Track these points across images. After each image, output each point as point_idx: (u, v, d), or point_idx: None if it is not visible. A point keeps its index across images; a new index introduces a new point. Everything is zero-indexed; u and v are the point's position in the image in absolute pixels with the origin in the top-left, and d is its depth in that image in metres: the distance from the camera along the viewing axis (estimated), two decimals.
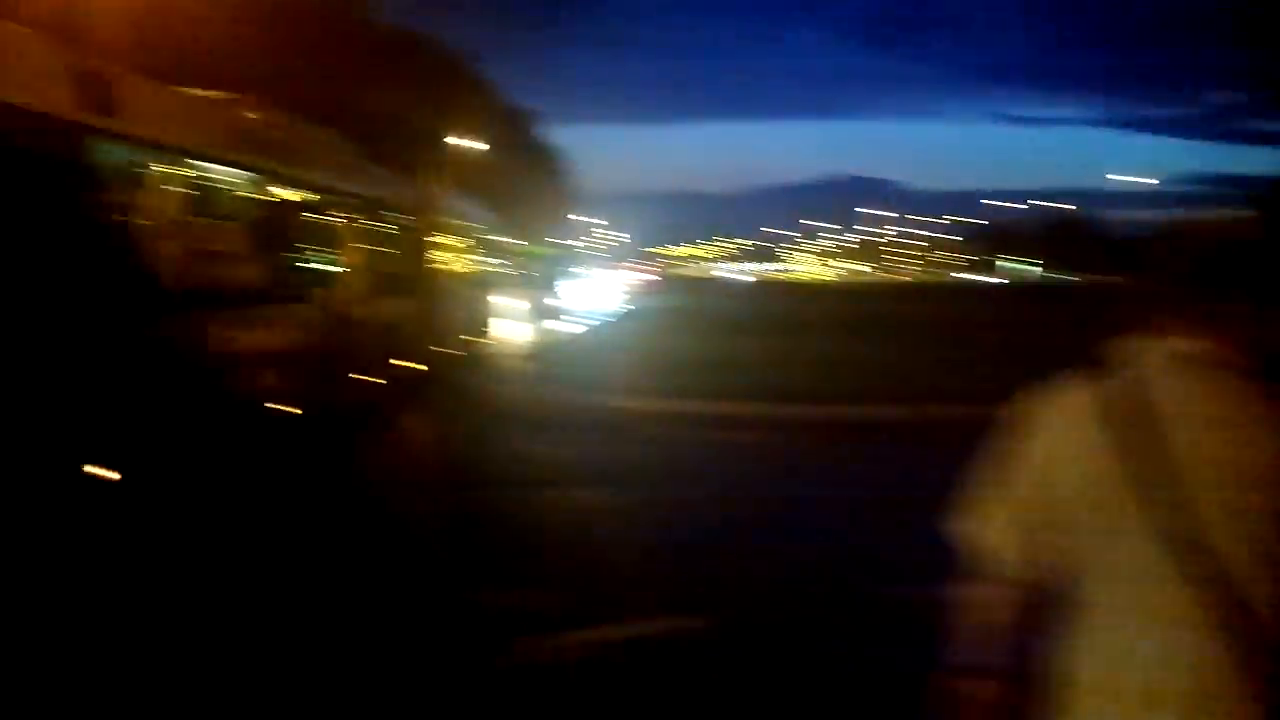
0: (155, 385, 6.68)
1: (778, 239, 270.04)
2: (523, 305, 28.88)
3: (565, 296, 35.12)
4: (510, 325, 25.22)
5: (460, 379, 14.87)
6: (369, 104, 41.06)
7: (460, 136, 45.70)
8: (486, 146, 48.37)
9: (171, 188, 7.54)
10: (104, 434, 5.95)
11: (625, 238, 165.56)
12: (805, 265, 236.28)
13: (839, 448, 10.39)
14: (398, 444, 10.57)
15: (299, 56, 35.15)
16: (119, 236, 6.81)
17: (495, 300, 24.12)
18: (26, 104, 5.43)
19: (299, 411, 9.02)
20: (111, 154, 6.76)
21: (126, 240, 6.92)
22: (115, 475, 5.81)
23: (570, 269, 49.54)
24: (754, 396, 12.99)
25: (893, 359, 18.66)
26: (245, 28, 27.32)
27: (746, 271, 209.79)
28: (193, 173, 7.99)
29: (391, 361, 12.57)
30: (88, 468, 5.65)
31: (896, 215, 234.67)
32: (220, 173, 8.59)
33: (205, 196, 8.32)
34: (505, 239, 30.99)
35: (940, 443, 10.14)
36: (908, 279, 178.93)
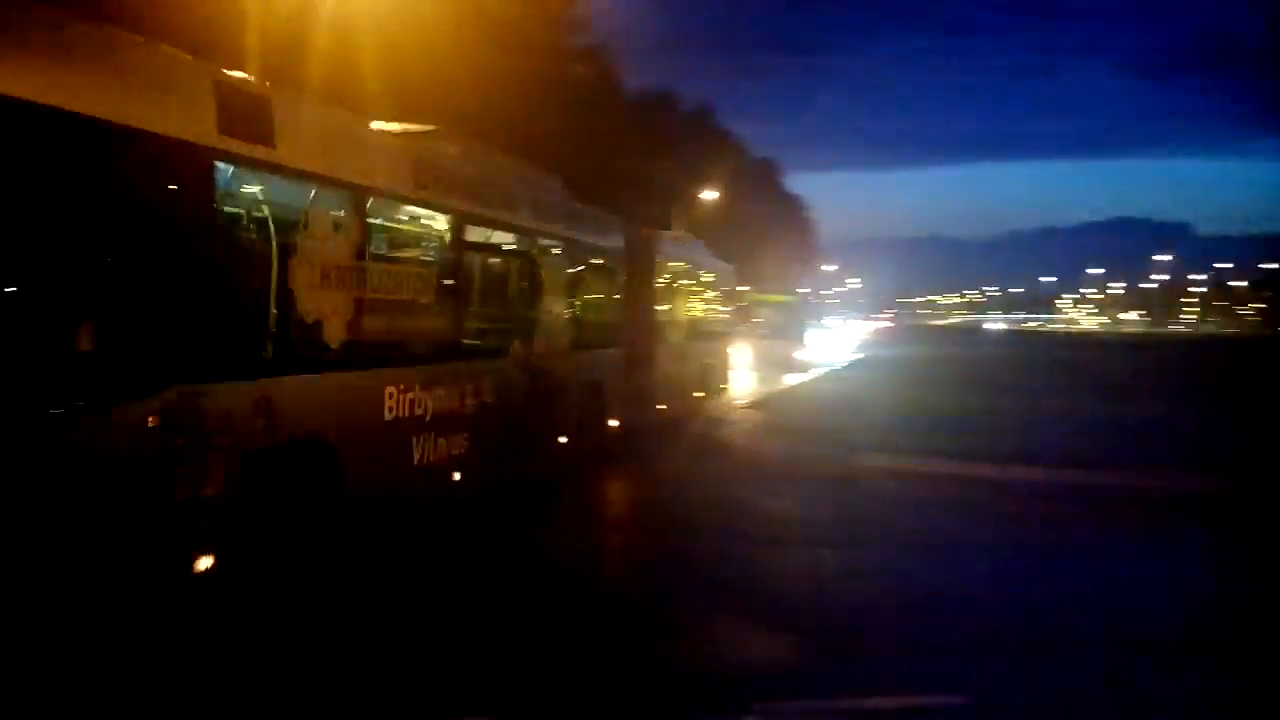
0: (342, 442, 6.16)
1: (1041, 286, 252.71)
2: (761, 354, 29.68)
3: (803, 345, 35.09)
4: (747, 375, 25.30)
5: (691, 431, 14.97)
6: (620, 163, 43.15)
7: (704, 188, 46.86)
8: (728, 196, 49.30)
9: (348, 227, 6.65)
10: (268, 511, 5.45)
11: (861, 285, 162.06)
12: (1076, 314, 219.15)
13: (1083, 520, 9.55)
14: (602, 505, 10.13)
15: (554, 119, 37.51)
16: (284, 280, 5.92)
17: (731, 350, 24.07)
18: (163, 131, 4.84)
19: (491, 478, 8.36)
20: (274, 189, 6.01)
21: (291, 285, 6.02)
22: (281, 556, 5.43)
23: (811, 318, 48.92)
24: (985, 457, 12.17)
25: (1164, 421, 16.94)
26: (507, 94, 29.45)
27: (1006, 320, 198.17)
28: (376, 211, 7.11)
29: (608, 420, 11.55)
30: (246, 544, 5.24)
31: (1187, 260, 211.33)
32: (407, 212, 7.77)
33: (388, 237, 7.54)
34: (745, 288, 31.25)
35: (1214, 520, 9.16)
36: (1197, 331, 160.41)
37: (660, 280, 16.14)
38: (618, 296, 12.77)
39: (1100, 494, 10.65)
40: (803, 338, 38.99)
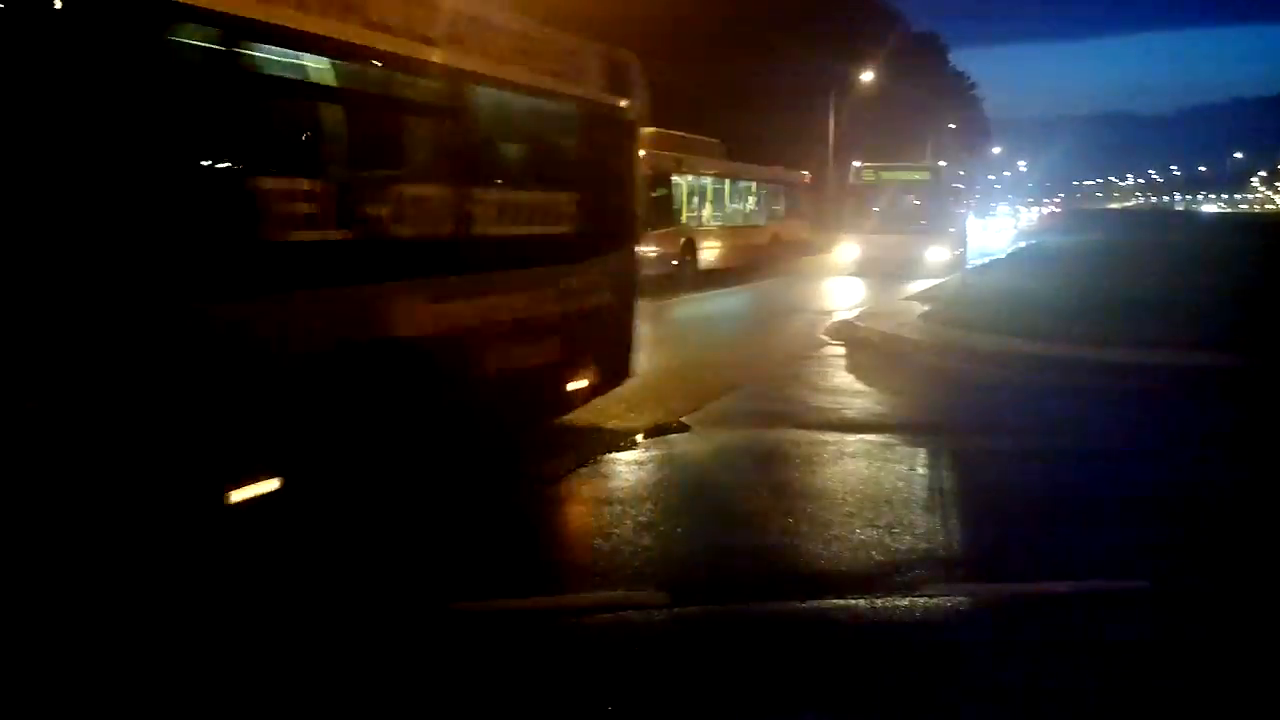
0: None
1: (1232, 164, 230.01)
2: (916, 243, 26.01)
3: (961, 233, 27.43)
4: (902, 261, 24.23)
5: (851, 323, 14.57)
6: (774, 41, 41.61)
7: (865, 68, 44.72)
8: (888, 74, 46.81)
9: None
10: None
11: (1026, 170, 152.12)
12: (1268, 194, 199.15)
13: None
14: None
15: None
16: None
17: (879, 239, 23.24)
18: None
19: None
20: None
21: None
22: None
23: (958, 203, 45.07)
24: (1143, 342, 11.25)
25: None
26: None
27: (1197, 204, 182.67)
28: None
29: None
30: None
31: None
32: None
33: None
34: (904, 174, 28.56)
35: None
36: None
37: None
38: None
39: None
40: (947, 231, 25.16)
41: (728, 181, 25.27)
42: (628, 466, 6.65)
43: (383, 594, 4.25)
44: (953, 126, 65.76)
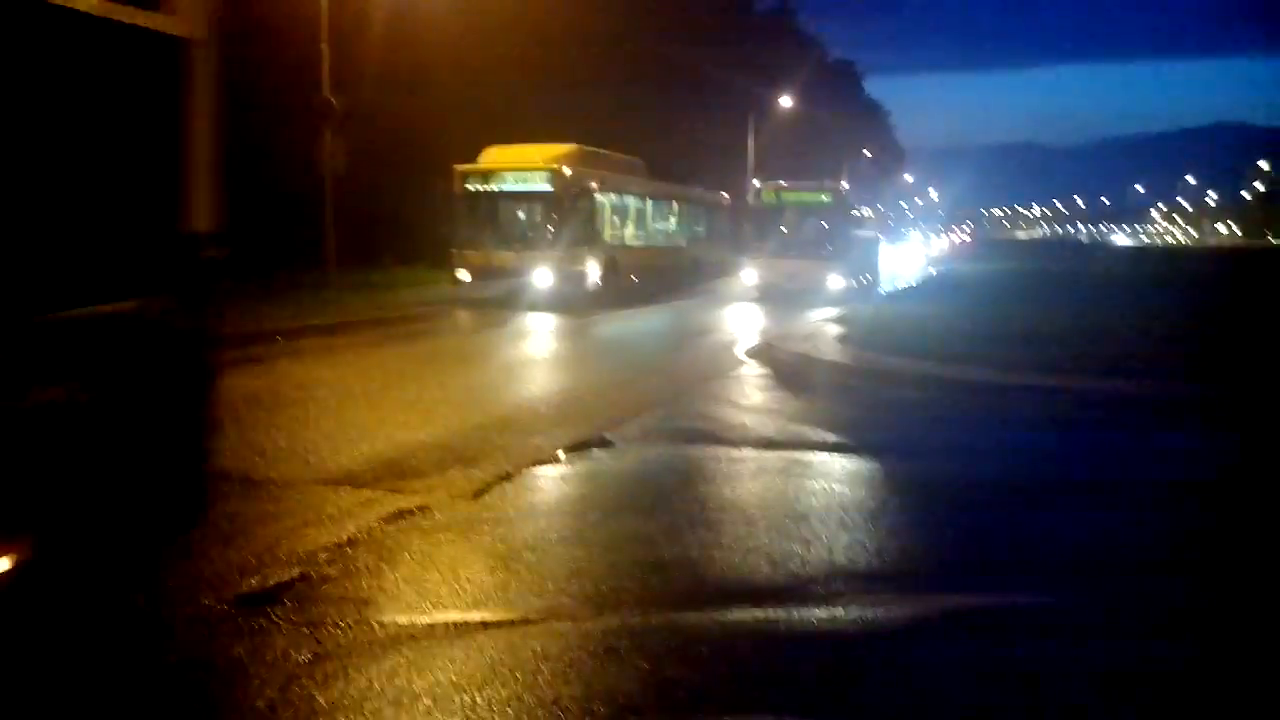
0: None
1: (1134, 197, 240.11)
2: (815, 269, 25.08)
3: (867, 260, 26.78)
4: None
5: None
6: (696, 62, 42.27)
7: (784, 92, 45.71)
8: (805, 101, 47.97)
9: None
10: None
11: (936, 198, 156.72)
12: (1167, 226, 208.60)
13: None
14: None
15: (639, 16, 36.76)
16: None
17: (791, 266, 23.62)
18: None
19: None
20: None
21: None
22: None
23: (878, 233, 46.16)
24: (1038, 367, 11.69)
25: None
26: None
27: (1094, 235, 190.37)
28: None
29: None
30: None
31: None
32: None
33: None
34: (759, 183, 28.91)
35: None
36: None
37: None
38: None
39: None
40: (847, 257, 24.11)
41: (649, 200, 25.53)
42: (550, 481, 6.68)
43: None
44: (868, 153, 67.58)
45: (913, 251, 63.79)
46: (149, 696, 3.57)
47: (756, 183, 26.17)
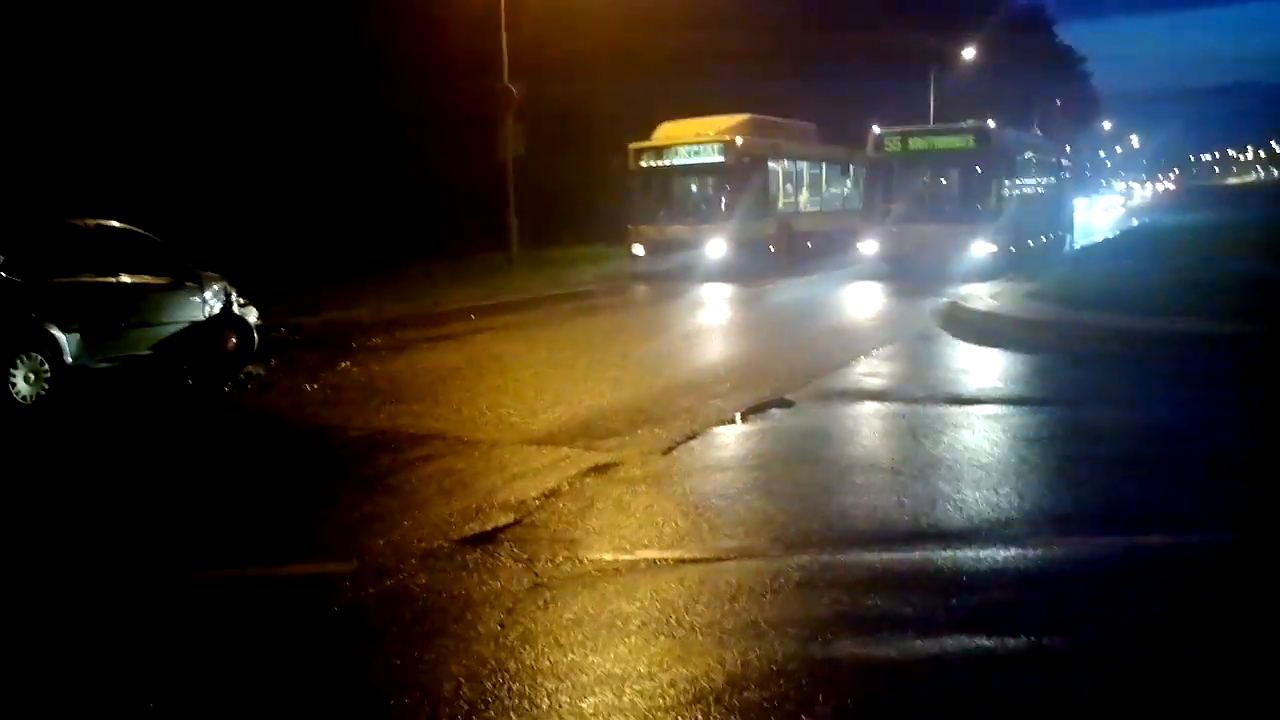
0: None
1: None
2: (949, 236, 20.82)
3: (1060, 217, 23.80)
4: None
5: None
6: (875, 19, 41.07)
7: (967, 43, 43.70)
8: (990, 51, 45.58)
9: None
10: None
11: (1137, 145, 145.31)
12: None
13: None
14: None
15: None
16: None
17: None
18: None
19: None
20: None
21: None
22: None
23: (1075, 183, 42.62)
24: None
25: None
26: None
27: None
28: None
29: None
30: None
31: None
32: None
33: None
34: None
35: None
36: None
37: None
38: None
39: None
40: (995, 220, 18.30)
41: (823, 165, 25.20)
42: (735, 438, 6.96)
43: None
44: (1058, 102, 63.50)
45: (1110, 203, 59.74)
46: (406, 622, 4.08)
47: (877, 129, 19.58)
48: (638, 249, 20.60)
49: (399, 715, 3.26)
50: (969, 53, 43.96)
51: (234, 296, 10.04)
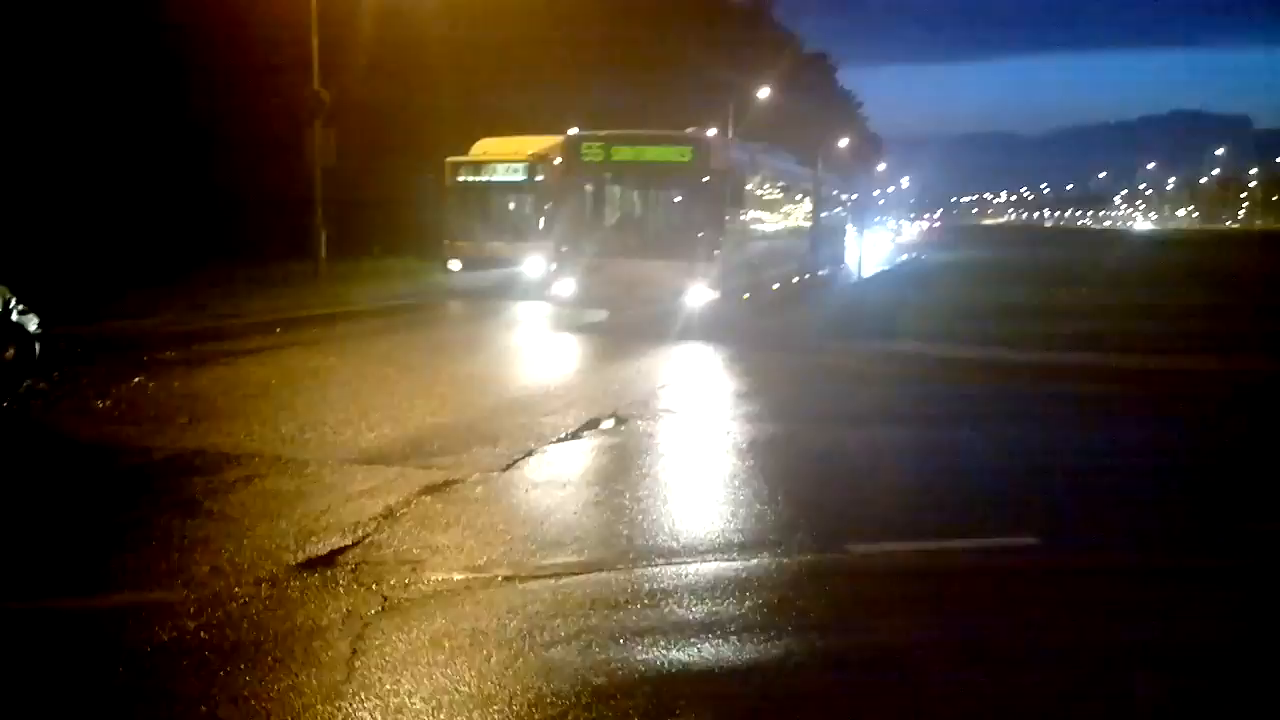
0: None
1: (1098, 184, 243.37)
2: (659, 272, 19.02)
3: (841, 247, 27.85)
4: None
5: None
6: (669, 54, 42.57)
7: (761, 83, 46.09)
8: (781, 93, 48.38)
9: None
10: None
11: (908, 186, 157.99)
12: (1133, 212, 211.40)
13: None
14: None
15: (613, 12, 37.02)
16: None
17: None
18: None
19: None
20: None
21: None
22: None
23: (851, 219, 45.16)
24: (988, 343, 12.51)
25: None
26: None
27: (1063, 220, 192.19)
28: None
29: None
30: None
31: (1245, 155, 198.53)
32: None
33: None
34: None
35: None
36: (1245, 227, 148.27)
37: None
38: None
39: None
40: (711, 254, 13.90)
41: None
42: (572, 454, 7.06)
43: None
44: (844, 142, 68.08)
45: (884, 238, 64.62)
46: (249, 651, 3.86)
47: (573, 131, 15.81)
48: (454, 264, 20.31)
49: None
50: (764, 92, 46.43)
51: (12, 303, 9.08)
